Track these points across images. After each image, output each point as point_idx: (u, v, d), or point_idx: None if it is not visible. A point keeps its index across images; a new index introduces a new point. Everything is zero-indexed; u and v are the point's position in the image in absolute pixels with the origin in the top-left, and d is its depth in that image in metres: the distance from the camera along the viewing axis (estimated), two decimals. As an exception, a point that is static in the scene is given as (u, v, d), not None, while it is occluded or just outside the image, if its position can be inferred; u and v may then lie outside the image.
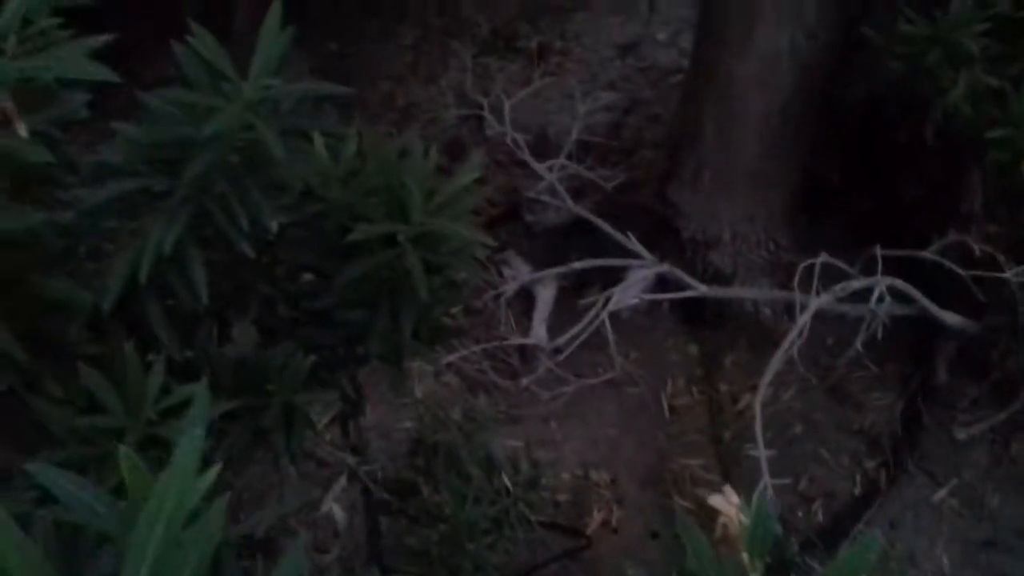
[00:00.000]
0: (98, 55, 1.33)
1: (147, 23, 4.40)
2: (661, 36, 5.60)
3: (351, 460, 2.11)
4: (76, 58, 1.25)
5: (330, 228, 1.82)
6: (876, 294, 3.29)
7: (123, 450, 0.92)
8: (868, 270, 3.48)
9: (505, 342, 3.89)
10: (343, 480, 2.24)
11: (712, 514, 3.59)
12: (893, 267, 3.44)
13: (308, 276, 1.85)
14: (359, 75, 5.25)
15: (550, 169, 4.09)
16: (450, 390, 3.78)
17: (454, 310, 2.12)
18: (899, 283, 3.40)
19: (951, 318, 3.55)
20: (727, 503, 1.26)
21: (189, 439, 0.91)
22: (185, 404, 1.51)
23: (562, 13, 5.73)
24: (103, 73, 1.25)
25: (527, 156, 3.99)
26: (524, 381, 3.77)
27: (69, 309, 1.45)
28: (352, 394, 2.05)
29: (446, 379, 3.79)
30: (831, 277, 3.54)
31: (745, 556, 1.17)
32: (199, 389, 1.05)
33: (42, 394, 1.48)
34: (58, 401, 1.47)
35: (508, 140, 4.07)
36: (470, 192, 1.80)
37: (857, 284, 3.36)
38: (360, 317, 1.86)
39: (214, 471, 0.89)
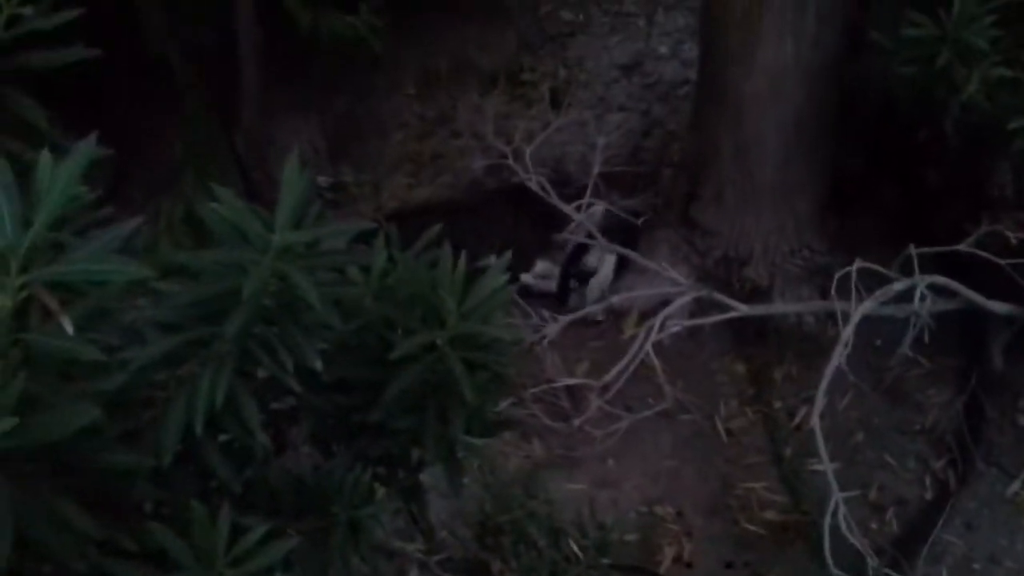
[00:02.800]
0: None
1: (151, 104, 4.52)
2: (663, 50, 5.60)
3: (420, 549, 2.13)
4: (107, 256, 1.29)
5: (371, 342, 1.85)
6: (918, 294, 3.26)
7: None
8: (905, 268, 3.44)
9: (553, 384, 3.90)
10: (415, 571, 2.27)
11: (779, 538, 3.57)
12: (930, 262, 3.40)
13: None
14: (372, 130, 5.31)
15: (578, 209, 4.10)
16: (504, 441, 3.80)
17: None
18: (939, 279, 3.36)
19: (999, 306, 3.51)
20: None
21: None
22: (255, 548, 1.55)
23: (560, 39, 5.76)
24: (134, 271, 1.29)
25: (556, 200, 4.00)
26: (576, 422, 3.77)
27: (131, 472, 1.49)
28: (412, 489, 2.07)
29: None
30: (870, 277, 3.51)
31: None
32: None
33: (117, 554, 1.52)
34: (133, 557, 1.51)
35: (534, 186, 4.08)
36: (502, 291, 1.82)
37: (898, 286, 3.33)
38: (411, 423, 1.88)
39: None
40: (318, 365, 1.54)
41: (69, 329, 1.23)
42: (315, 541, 1.77)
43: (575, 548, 2.37)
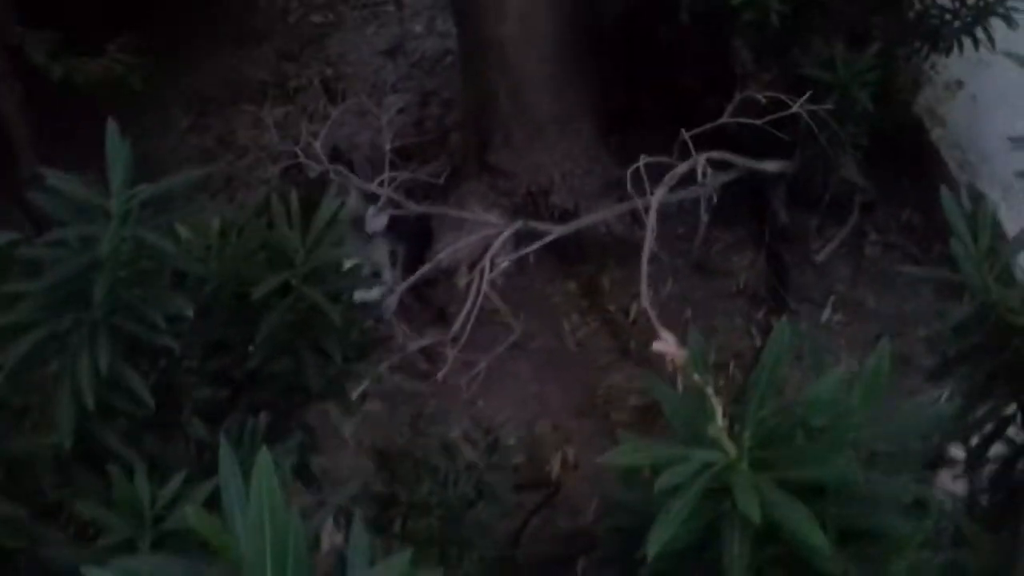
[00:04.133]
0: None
1: None
2: (418, 29, 5.86)
3: (327, 496, 2.23)
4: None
5: (228, 301, 1.96)
6: (700, 171, 3.64)
7: (189, 509, 1.05)
8: (683, 154, 3.83)
9: (407, 350, 4.05)
10: (329, 518, 2.37)
11: (647, 419, 3.87)
12: (704, 145, 3.79)
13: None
14: (154, 171, 5.24)
15: (382, 184, 4.26)
16: (376, 418, 3.93)
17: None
18: (714, 154, 3.76)
19: (770, 165, 3.96)
20: (666, 344, 1.48)
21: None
22: (179, 492, 1.64)
23: (317, 41, 5.90)
24: None
25: (358, 182, 4.14)
26: (438, 377, 3.94)
27: (35, 464, 1.55)
28: (307, 438, 2.18)
29: (367, 409, 3.93)
30: (659, 174, 3.87)
31: (696, 376, 1.41)
32: (223, 448, 1.18)
33: (46, 544, 1.57)
34: (65, 543, 1.56)
35: (332, 175, 4.21)
36: (338, 220, 1.97)
37: (681, 168, 3.70)
38: (289, 365, 2.00)
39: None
40: (189, 312, 1.64)
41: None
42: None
43: (470, 456, 2.55)
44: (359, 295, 4.15)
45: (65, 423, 1.60)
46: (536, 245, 3.99)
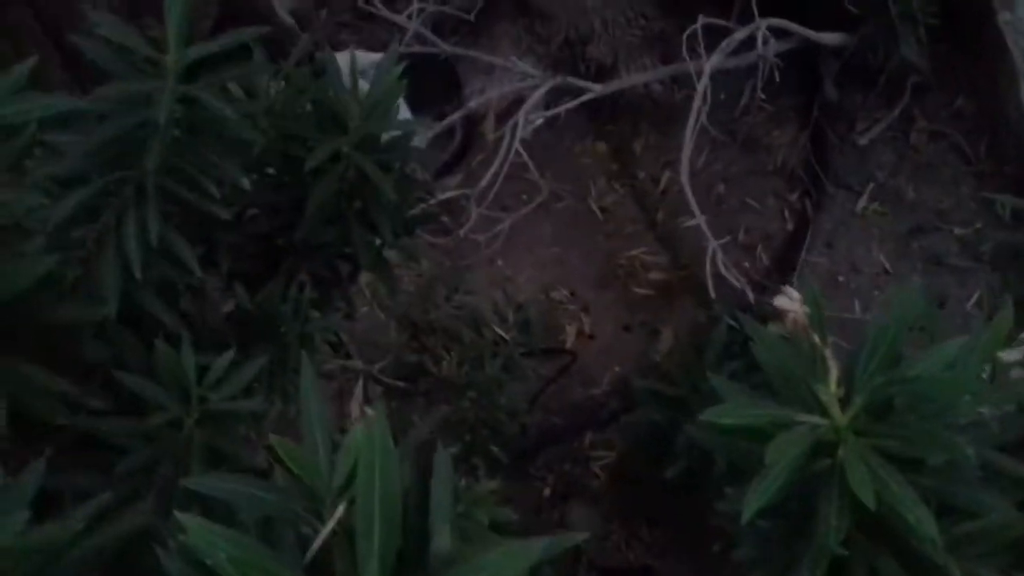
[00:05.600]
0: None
1: None
2: None
3: (360, 364, 2.18)
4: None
5: (275, 163, 1.82)
6: (760, 38, 3.40)
7: (273, 439, 0.96)
8: (743, 19, 3.58)
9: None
10: (360, 384, 2.32)
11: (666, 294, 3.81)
12: (765, 9, 3.54)
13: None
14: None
15: (410, 17, 3.98)
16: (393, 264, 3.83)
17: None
18: (776, 21, 3.51)
19: (829, 37, 3.71)
20: (789, 300, 1.37)
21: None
22: (225, 374, 1.55)
23: None
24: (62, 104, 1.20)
25: (385, 12, 3.87)
26: (461, 232, 3.82)
27: (79, 328, 1.44)
28: (347, 309, 2.09)
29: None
30: (709, 35, 3.63)
31: (816, 338, 1.30)
32: (305, 364, 1.08)
33: (86, 412, 1.49)
34: (106, 415, 1.48)
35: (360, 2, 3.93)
36: (396, 86, 1.80)
37: (740, 34, 3.46)
38: (335, 236, 1.88)
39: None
40: (245, 183, 1.50)
41: None
42: (271, 364, 1.79)
43: (500, 332, 2.47)
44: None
45: (112, 290, 1.49)
46: (572, 103, 3.78)
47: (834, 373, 1.27)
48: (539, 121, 3.77)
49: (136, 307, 1.60)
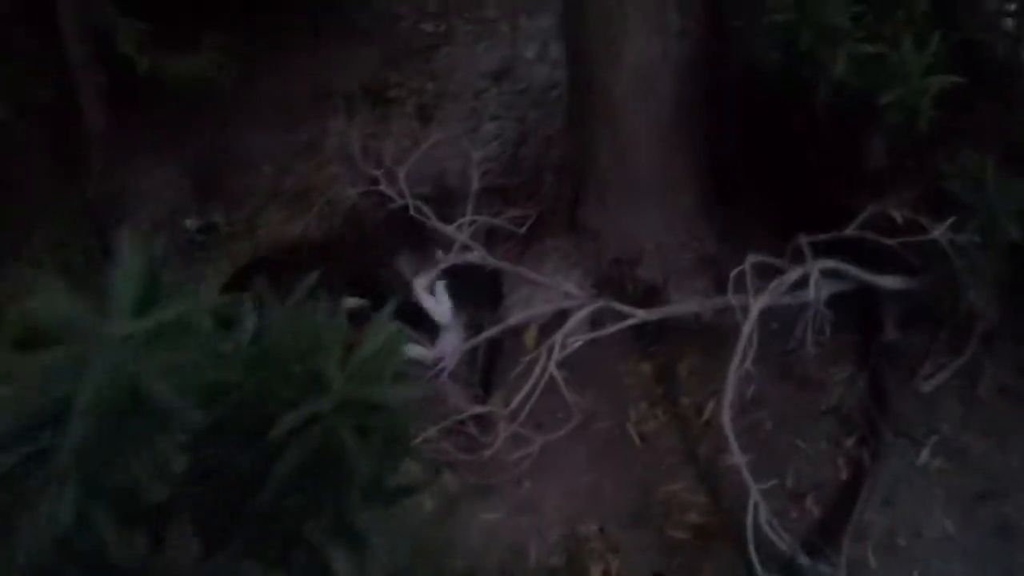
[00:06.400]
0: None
1: None
2: (529, 54, 5.51)
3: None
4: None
5: (247, 419, 1.67)
6: (813, 282, 3.24)
7: None
8: (796, 254, 3.44)
9: (461, 416, 3.75)
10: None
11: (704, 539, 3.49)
12: (820, 248, 3.40)
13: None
14: (236, 167, 5.05)
15: (460, 228, 3.96)
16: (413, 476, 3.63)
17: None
18: (830, 264, 3.36)
19: (889, 281, 3.53)
20: None
21: None
22: None
23: (424, 52, 5.61)
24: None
25: (436, 223, 3.86)
26: (487, 453, 3.63)
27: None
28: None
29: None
30: (762, 266, 3.50)
31: None
32: None
33: None
34: None
35: (412, 211, 3.93)
36: (393, 344, 1.66)
37: (792, 276, 3.31)
38: (303, 502, 1.70)
39: None
40: (179, 466, 1.35)
41: None
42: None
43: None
44: (415, 352, 3.92)
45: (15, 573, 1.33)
46: (614, 328, 3.64)
47: None
48: (578, 344, 3.62)
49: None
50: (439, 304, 3.95)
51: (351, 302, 3.54)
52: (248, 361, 1.69)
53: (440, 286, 3.96)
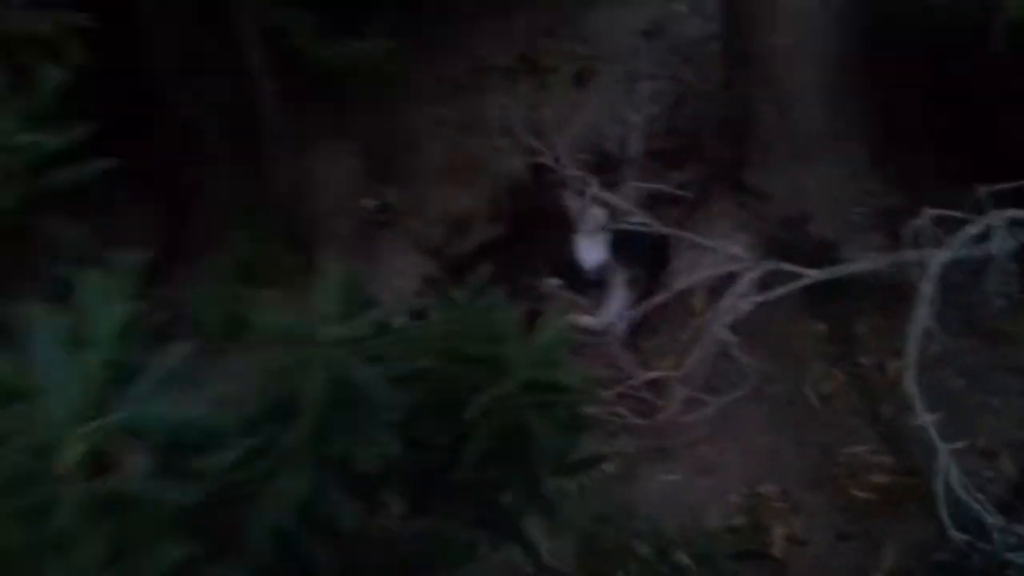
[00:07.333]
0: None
1: (189, 161, 4.50)
2: (682, 7, 5.40)
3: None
4: (173, 396, 1.27)
5: (442, 401, 1.81)
6: (996, 234, 3.10)
7: None
8: (976, 205, 3.29)
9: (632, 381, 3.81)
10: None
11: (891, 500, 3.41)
12: (1002, 194, 3.24)
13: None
14: (407, 147, 5.23)
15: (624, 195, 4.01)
16: (592, 441, 3.73)
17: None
18: (1013, 213, 3.20)
19: (1082, 227, 3.33)
20: None
21: None
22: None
23: (573, 16, 5.60)
24: (197, 415, 1.27)
25: (602, 195, 3.91)
26: (661, 416, 3.68)
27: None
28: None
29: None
30: (940, 218, 3.36)
31: None
32: None
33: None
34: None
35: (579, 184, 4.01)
36: (564, 332, 1.76)
37: (973, 229, 3.17)
38: (495, 476, 1.84)
39: None
40: (389, 443, 1.50)
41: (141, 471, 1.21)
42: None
43: (685, 559, 2.31)
44: (585, 321, 4.02)
45: (262, 542, 1.51)
46: (785, 289, 3.59)
47: None
48: (748, 307, 3.61)
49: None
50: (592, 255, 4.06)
51: (550, 283, 3.73)
52: (439, 351, 1.83)
53: (599, 239, 4.06)
